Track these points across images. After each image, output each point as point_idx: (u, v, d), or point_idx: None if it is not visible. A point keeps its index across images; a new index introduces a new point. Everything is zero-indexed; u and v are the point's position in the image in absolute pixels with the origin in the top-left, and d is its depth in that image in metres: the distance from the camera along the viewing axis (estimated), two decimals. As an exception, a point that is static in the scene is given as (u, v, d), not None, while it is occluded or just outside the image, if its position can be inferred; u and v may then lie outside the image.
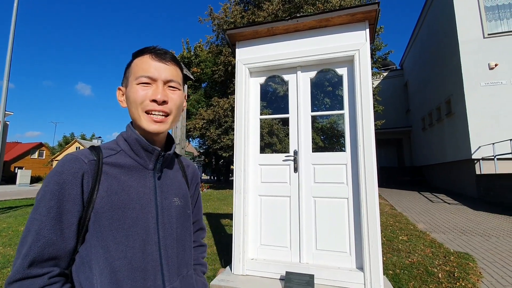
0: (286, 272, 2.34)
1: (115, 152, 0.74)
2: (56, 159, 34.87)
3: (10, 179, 29.83)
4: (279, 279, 2.44)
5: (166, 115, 0.74)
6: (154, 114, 0.72)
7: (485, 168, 8.08)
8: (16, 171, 29.18)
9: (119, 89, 0.79)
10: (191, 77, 3.93)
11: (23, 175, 24.15)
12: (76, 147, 34.64)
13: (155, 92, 0.71)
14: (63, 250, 0.62)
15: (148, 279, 0.67)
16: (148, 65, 0.72)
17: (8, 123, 14.32)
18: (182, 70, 0.82)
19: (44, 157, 38.47)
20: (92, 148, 0.72)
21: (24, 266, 0.57)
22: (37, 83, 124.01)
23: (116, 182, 0.68)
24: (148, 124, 0.72)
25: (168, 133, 0.83)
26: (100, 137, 46.27)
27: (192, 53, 17.55)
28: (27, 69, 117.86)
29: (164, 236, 0.73)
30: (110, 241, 0.64)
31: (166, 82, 0.74)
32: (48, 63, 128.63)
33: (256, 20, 12.70)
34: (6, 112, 14.59)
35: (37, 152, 37.59)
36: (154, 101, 0.71)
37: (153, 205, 0.72)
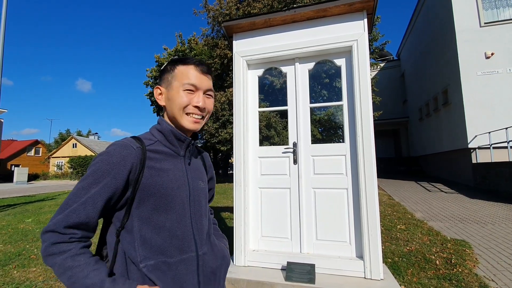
0: (288, 262, 2.37)
1: (153, 141, 0.88)
2: (52, 156, 34.57)
3: (7, 177, 29.65)
4: (281, 269, 2.48)
5: (202, 117, 0.91)
6: (194, 117, 0.88)
7: (481, 157, 8.17)
8: (12, 169, 29.00)
9: (158, 88, 0.92)
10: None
11: (20, 173, 23.94)
12: (73, 144, 34.30)
13: (198, 99, 0.88)
14: (93, 218, 0.73)
15: (184, 244, 0.82)
16: (193, 75, 0.87)
17: (2, 120, 14.14)
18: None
19: (40, 154, 38.15)
20: (135, 138, 0.86)
21: (62, 224, 0.69)
22: (36, 80, 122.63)
23: (157, 165, 0.83)
24: (188, 123, 0.88)
25: None
26: (96, 133, 45.91)
27: (186, 46, 17.36)
28: (27, 66, 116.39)
29: (194, 212, 0.88)
30: (153, 214, 0.79)
31: (205, 91, 0.90)
32: (48, 58, 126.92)
33: (251, 11, 12.50)
34: (0, 109, 14.39)
35: (33, 150, 37.27)
36: (196, 107, 0.87)
37: (186, 185, 0.88)
